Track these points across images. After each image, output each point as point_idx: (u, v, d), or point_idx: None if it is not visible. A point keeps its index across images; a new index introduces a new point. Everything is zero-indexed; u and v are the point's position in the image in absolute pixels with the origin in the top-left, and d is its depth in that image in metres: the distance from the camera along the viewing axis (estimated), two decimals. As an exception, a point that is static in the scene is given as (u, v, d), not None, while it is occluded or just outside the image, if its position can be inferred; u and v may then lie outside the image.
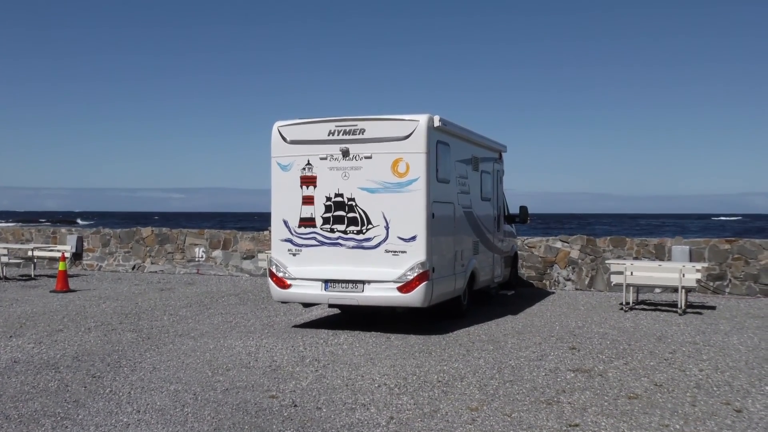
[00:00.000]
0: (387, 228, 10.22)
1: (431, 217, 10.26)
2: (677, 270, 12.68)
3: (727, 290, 15.33)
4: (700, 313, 12.67)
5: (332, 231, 10.50)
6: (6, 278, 17.86)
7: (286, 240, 10.78)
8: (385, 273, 10.17)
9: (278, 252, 10.85)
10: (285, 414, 6.35)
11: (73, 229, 22.54)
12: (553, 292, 15.88)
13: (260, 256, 17.85)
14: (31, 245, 19.55)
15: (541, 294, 15.51)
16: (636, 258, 15.88)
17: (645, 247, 16.15)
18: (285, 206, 10.81)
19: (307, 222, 10.65)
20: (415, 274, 10.07)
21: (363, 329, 10.62)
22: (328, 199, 10.54)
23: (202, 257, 19.81)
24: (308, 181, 10.67)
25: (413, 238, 10.13)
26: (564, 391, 7.13)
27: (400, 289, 10.13)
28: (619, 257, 15.85)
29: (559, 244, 16.76)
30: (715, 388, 7.30)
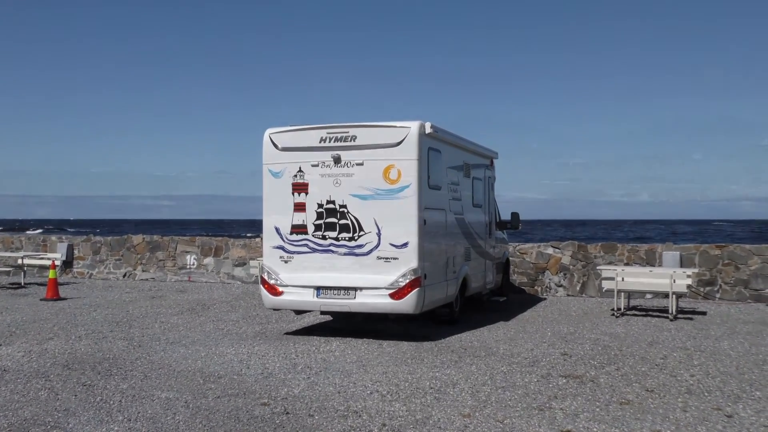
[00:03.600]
0: (379, 235, 10.23)
1: (423, 224, 10.27)
2: (668, 276, 12.72)
3: (718, 296, 15.39)
4: (691, 319, 12.72)
5: (324, 238, 10.49)
6: (-4, 286, 17.76)
7: (277, 247, 10.77)
8: (377, 280, 10.17)
9: (270, 259, 10.83)
10: (277, 421, 6.34)
11: (64, 237, 22.44)
12: (545, 299, 15.91)
13: (252, 263, 17.84)
14: (21, 253, 19.45)
15: (532, 300, 15.53)
16: (627, 264, 15.93)
17: (636, 253, 16.21)
18: (277, 213, 10.80)
19: (298, 229, 10.64)
20: (407, 281, 10.07)
21: (355, 336, 10.61)
22: (320, 206, 10.54)
23: (193, 265, 19.75)
24: (300, 188, 10.67)
25: (405, 245, 10.13)
26: (556, 397, 7.14)
27: (392, 295, 10.12)
28: (610, 263, 15.91)
29: (550, 250, 16.80)
30: (706, 394, 7.33)
